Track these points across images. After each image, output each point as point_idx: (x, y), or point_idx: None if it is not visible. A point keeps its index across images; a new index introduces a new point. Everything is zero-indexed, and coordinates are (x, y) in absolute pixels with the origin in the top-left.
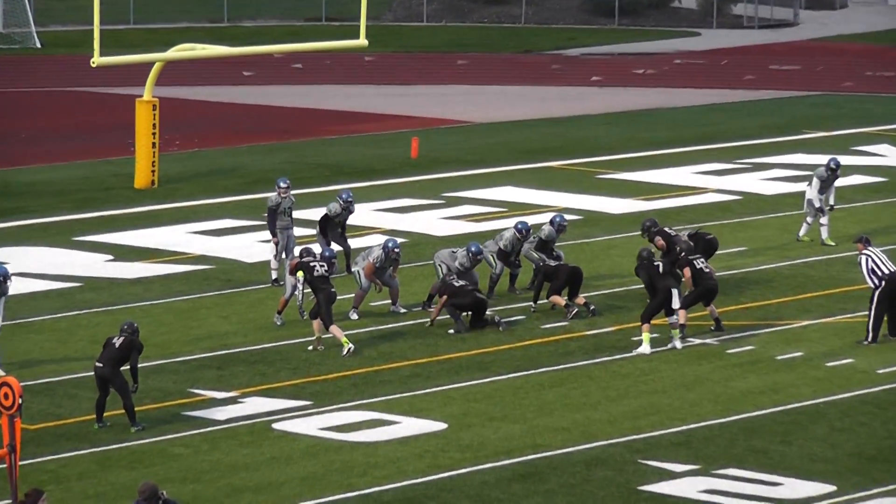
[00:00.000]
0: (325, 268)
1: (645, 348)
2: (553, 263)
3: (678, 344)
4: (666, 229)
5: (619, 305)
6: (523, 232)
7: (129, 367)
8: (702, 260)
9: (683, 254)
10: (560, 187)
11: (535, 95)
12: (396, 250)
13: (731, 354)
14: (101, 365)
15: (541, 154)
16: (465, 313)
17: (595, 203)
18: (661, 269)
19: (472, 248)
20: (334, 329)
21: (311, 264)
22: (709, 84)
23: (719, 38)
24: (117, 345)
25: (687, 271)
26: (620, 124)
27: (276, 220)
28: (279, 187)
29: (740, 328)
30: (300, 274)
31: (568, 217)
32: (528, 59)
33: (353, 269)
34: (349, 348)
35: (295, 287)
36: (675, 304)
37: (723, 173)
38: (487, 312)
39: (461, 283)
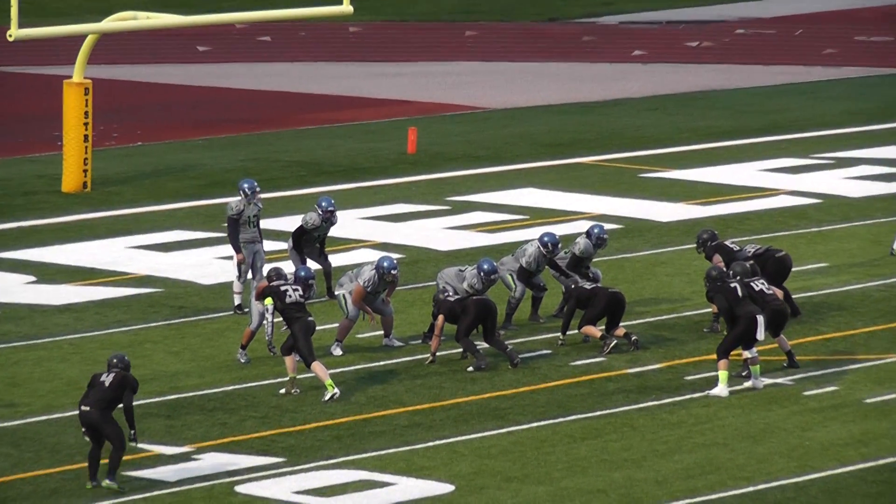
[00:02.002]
0: (301, 292)
1: (722, 390)
2: (588, 286)
3: (759, 383)
4: (727, 244)
5: (669, 337)
6: (550, 246)
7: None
8: (761, 281)
9: (738, 278)
10: (594, 189)
11: (563, 74)
12: (393, 272)
13: (808, 397)
14: (87, 409)
15: (570, 148)
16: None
17: (638, 209)
18: (739, 293)
19: (485, 267)
20: (317, 367)
21: (283, 289)
22: (779, 60)
23: (792, 2)
24: (107, 383)
25: None
26: (669, 110)
27: (238, 232)
28: (244, 192)
29: (819, 364)
30: (269, 301)
31: (605, 226)
32: (553, 28)
33: (336, 293)
34: (333, 394)
35: (262, 316)
36: (760, 334)
37: (797, 171)
38: (506, 344)
39: (458, 296)
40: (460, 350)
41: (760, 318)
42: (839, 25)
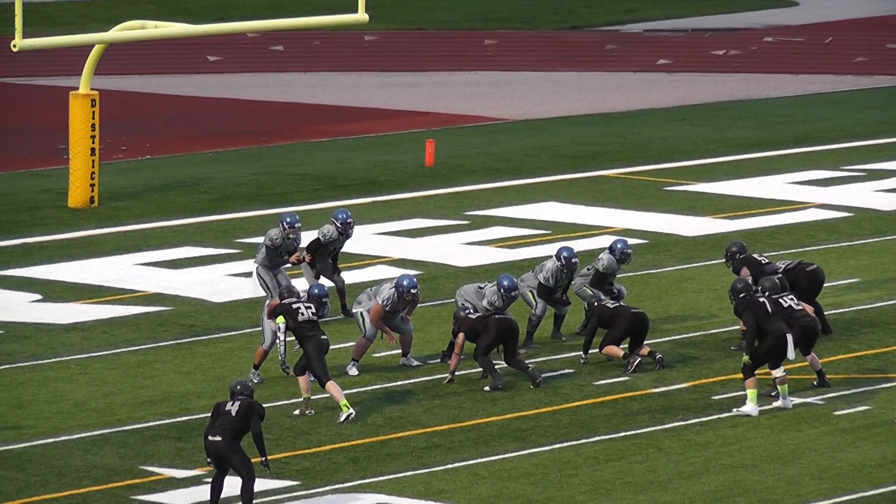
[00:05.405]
0: (314, 310)
1: (752, 409)
2: (611, 304)
3: (787, 403)
4: (756, 256)
5: (695, 355)
6: (568, 261)
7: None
8: (790, 297)
9: (767, 293)
10: (618, 203)
11: (586, 84)
12: (413, 291)
13: (839, 417)
14: (218, 439)
15: (593, 160)
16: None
17: (663, 223)
18: (768, 308)
19: (505, 283)
20: (331, 387)
21: (295, 307)
22: (809, 68)
23: (822, 9)
24: (234, 412)
25: None
26: (695, 121)
27: (274, 263)
28: (286, 225)
29: (851, 383)
30: (280, 320)
31: (629, 241)
32: (575, 37)
33: (354, 311)
34: (349, 414)
35: (275, 335)
36: (790, 353)
37: (828, 183)
38: (527, 364)
39: (479, 314)
40: (480, 370)
41: (789, 337)
42: (870, 32)
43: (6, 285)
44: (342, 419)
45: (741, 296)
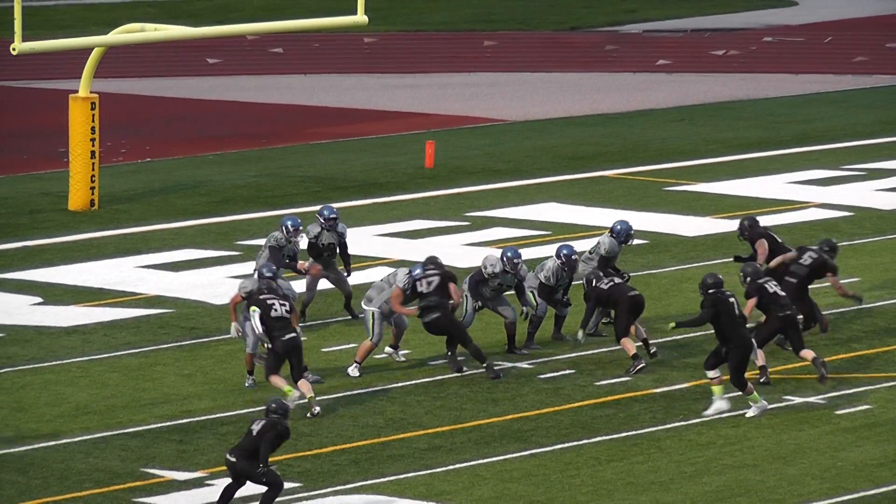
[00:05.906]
0: (287, 308)
1: (758, 408)
2: (605, 286)
3: (722, 405)
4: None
5: (696, 355)
6: (569, 259)
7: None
8: (774, 283)
9: (748, 279)
10: (619, 203)
11: (585, 85)
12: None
13: (840, 416)
14: (233, 460)
15: (593, 161)
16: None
17: (664, 223)
18: (736, 310)
19: (509, 253)
20: (302, 384)
21: (269, 302)
22: (808, 68)
23: (822, 9)
24: (255, 431)
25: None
26: (695, 121)
27: (278, 259)
28: (289, 227)
29: (852, 382)
30: (253, 310)
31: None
32: (575, 38)
33: (364, 309)
34: (297, 399)
35: (254, 332)
36: (758, 358)
37: (828, 183)
38: (462, 365)
39: (429, 278)
40: (482, 370)
41: (755, 345)
42: (870, 32)
43: (7, 288)
44: (294, 402)
45: (710, 292)
